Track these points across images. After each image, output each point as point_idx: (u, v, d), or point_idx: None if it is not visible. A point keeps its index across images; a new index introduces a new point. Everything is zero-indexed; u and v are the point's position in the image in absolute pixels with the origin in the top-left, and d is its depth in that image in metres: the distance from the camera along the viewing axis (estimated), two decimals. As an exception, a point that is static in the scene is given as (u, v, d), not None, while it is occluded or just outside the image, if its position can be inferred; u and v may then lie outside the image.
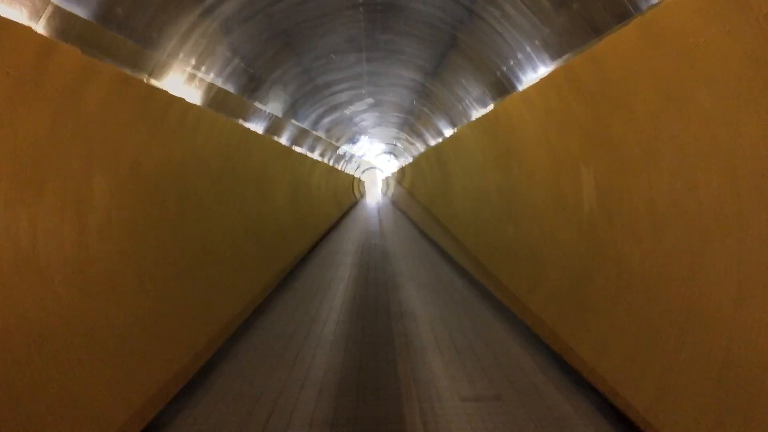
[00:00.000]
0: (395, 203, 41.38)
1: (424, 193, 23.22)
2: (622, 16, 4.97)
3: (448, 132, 14.82)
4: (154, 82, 6.01)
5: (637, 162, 4.78)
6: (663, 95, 4.11)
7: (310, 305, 9.17)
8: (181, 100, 6.32)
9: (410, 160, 26.56)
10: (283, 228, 14.24)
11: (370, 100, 18.64)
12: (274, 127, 13.40)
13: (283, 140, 15.05)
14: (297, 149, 17.13)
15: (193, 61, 7.12)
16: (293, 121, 15.00)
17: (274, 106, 12.39)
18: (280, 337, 7.32)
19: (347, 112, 19.98)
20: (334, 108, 18.32)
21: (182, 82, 7.11)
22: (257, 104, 11.07)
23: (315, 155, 21.80)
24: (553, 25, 6.21)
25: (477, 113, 10.95)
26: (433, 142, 17.56)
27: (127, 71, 5.22)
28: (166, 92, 5.83)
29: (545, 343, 6.74)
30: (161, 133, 6.10)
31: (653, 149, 4.46)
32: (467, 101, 11.84)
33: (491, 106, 9.67)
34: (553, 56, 6.46)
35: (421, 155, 21.14)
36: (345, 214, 33.93)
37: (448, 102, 13.73)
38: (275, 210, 14.13)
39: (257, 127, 11.87)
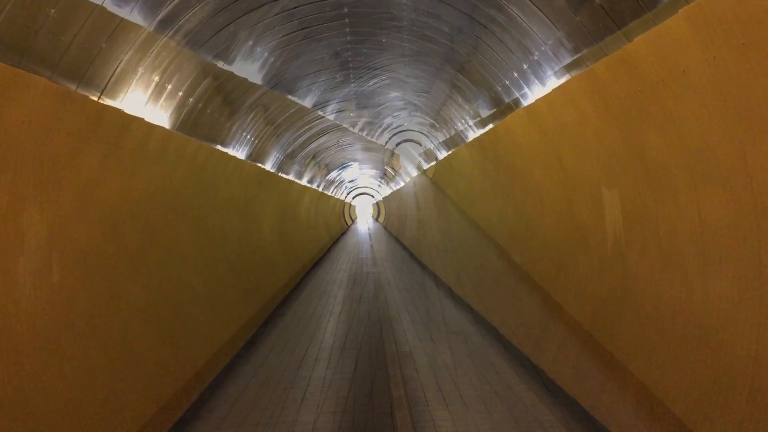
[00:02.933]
0: (387, 227, 40.57)
1: (416, 220, 22.39)
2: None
3: (443, 155, 14.10)
4: (108, 101, 5.18)
5: (681, 183, 4.00)
6: (720, 99, 3.34)
7: (297, 346, 8.27)
8: (141, 120, 5.50)
9: (402, 184, 25.84)
10: (270, 260, 13.36)
11: (359, 123, 17.92)
12: (257, 154, 12.62)
13: (269, 166, 14.26)
14: (284, 176, 16.34)
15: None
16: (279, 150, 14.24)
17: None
18: (264, 387, 6.42)
19: (335, 138, 19.22)
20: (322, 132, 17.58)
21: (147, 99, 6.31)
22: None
23: (304, 181, 21.00)
24: (568, 27, 5.49)
25: (475, 134, 10.22)
26: (426, 166, 16.82)
27: (71, 85, 4.40)
28: (121, 111, 5.00)
29: (565, 391, 5.87)
30: (118, 159, 5.27)
31: (704, 167, 3.68)
32: (463, 121, 11.12)
33: (491, 126, 8.92)
34: (568, 67, 5.74)
35: (414, 179, 20.40)
36: (336, 240, 33.08)
37: (443, 122, 13.03)
38: (261, 240, 13.26)
39: (239, 153, 11.08)
